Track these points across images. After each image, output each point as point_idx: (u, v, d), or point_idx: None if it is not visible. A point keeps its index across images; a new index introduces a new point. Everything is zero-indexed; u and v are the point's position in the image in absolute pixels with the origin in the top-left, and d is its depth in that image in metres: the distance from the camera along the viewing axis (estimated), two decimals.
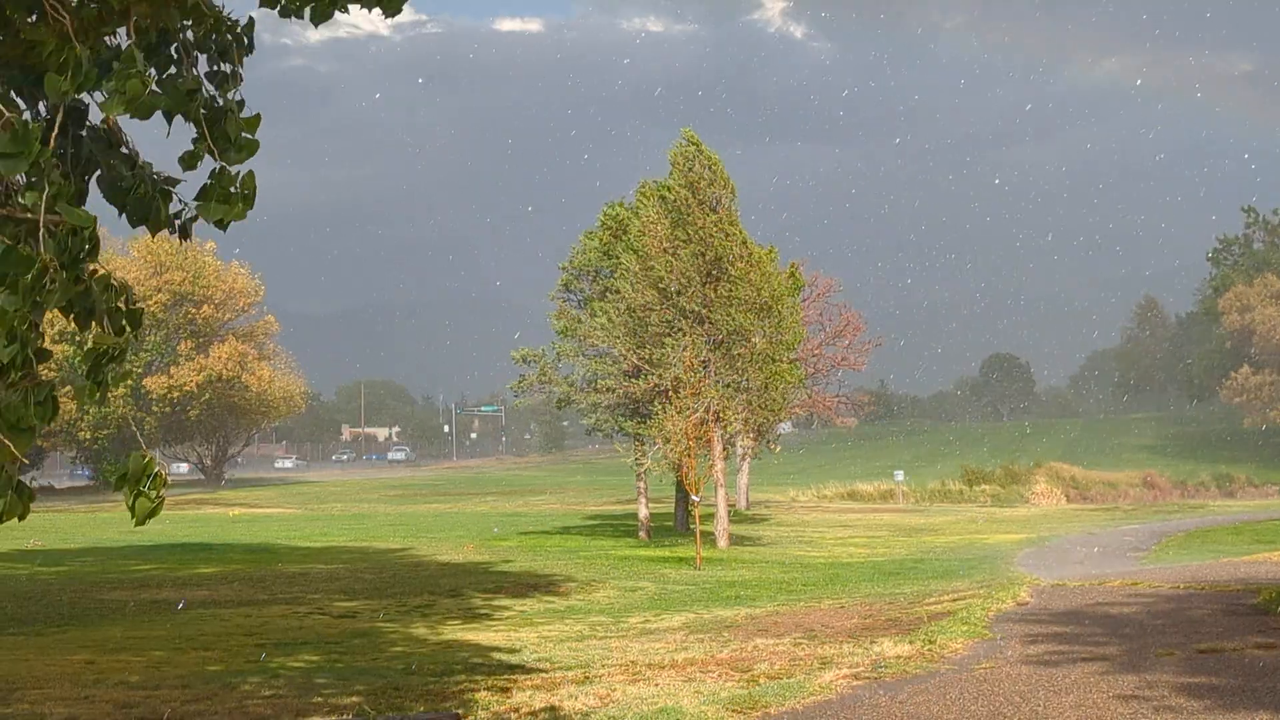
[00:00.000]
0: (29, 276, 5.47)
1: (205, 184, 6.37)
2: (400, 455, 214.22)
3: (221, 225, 6.39)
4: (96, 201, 6.83)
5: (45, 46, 5.92)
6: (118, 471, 6.08)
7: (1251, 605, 20.46)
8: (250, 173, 6.38)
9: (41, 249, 5.62)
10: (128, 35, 6.26)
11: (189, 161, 6.38)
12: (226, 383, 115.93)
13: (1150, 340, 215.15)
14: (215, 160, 6.33)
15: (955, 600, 24.39)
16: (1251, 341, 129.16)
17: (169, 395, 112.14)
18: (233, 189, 6.34)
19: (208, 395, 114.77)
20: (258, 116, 6.49)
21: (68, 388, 72.20)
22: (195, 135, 6.34)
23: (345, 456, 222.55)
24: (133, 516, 6.07)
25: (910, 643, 18.17)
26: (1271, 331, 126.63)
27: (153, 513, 6.08)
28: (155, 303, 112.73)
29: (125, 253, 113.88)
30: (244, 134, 6.44)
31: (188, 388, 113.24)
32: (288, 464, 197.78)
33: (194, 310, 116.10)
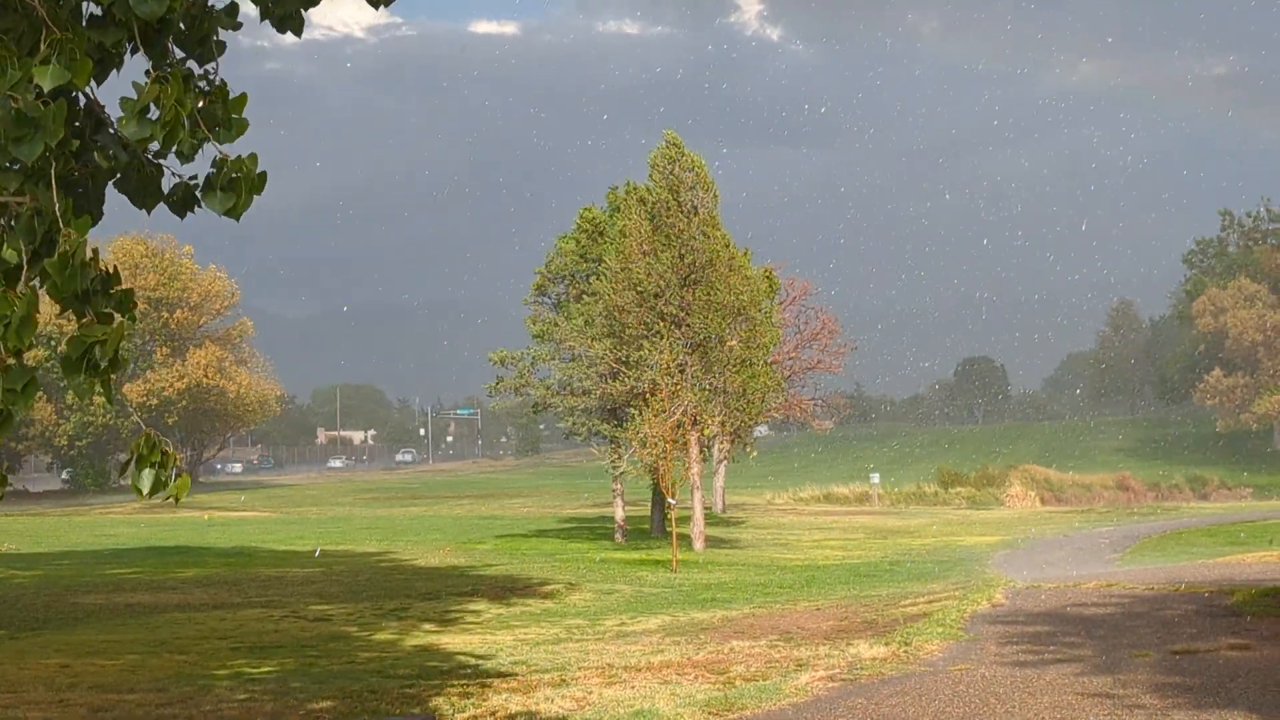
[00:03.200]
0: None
1: (208, 174, 6.31)
2: (408, 458, 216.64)
3: (233, 215, 6.34)
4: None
5: (16, 30, 5.85)
6: (129, 454, 6.03)
7: (1226, 606, 20.54)
8: (253, 155, 6.33)
9: (61, 215, 5.60)
10: (130, 38, 6.19)
11: (188, 152, 6.28)
12: (204, 389, 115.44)
13: (1124, 343, 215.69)
14: (215, 146, 6.27)
15: (931, 602, 24.44)
16: (1224, 345, 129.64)
17: (147, 401, 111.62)
18: (235, 174, 6.28)
19: (184, 401, 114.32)
20: (244, 96, 6.42)
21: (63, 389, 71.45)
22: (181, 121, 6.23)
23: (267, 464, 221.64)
24: (143, 494, 6.04)
25: (886, 644, 18.21)
26: (1244, 334, 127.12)
27: (177, 489, 6.04)
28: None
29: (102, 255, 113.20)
30: (232, 115, 6.38)
31: (167, 393, 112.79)
32: (338, 464, 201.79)
33: (168, 314, 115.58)
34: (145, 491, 5.99)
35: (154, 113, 5.96)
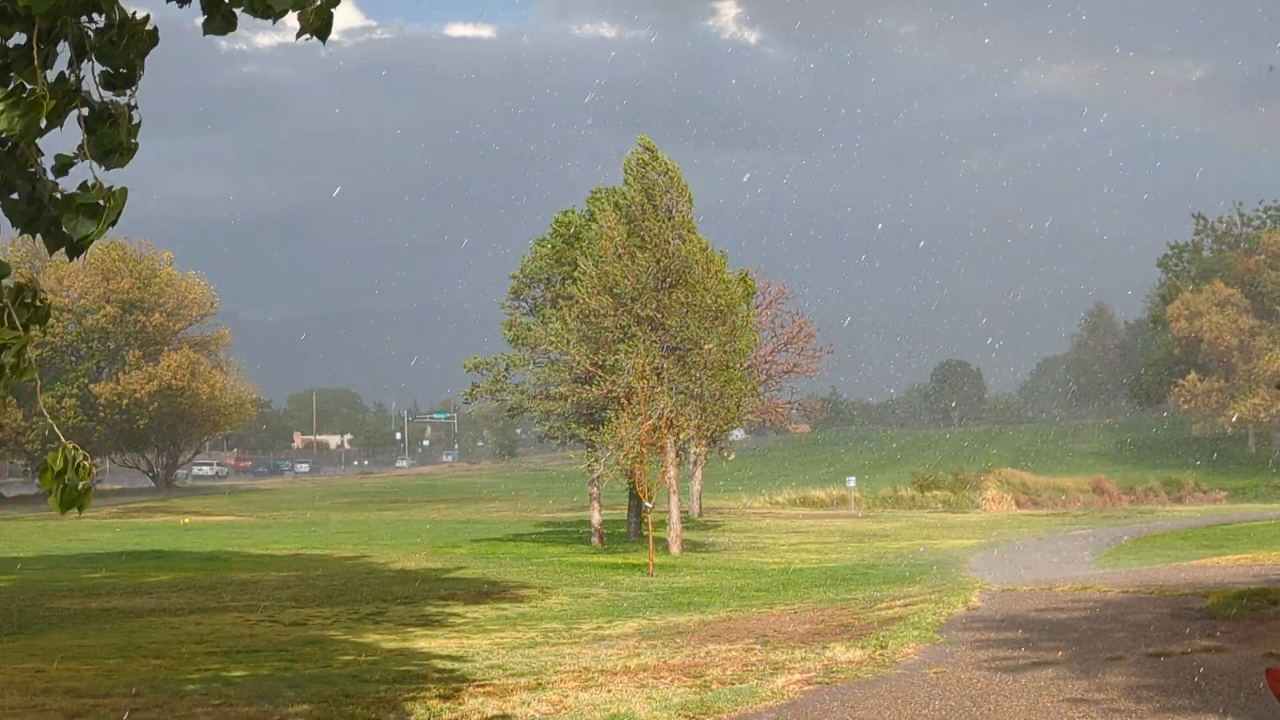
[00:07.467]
0: None
1: (71, 194, 5.92)
2: (450, 458, 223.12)
3: (84, 242, 5.92)
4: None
5: None
6: (45, 469, 5.90)
7: (1200, 609, 20.62)
8: (123, 189, 5.92)
9: None
10: (32, 41, 5.81)
11: (60, 169, 5.96)
12: (177, 391, 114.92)
13: (1100, 347, 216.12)
14: (95, 166, 5.93)
15: (907, 606, 24.48)
16: (1199, 349, 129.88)
17: (118, 402, 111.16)
18: (101, 201, 5.86)
19: (156, 404, 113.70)
20: (139, 123, 6.09)
21: None
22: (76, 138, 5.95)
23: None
24: (59, 508, 5.96)
25: (862, 648, 18.24)
26: (1218, 339, 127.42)
27: (79, 502, 5.92)
28: (104, 314, 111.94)
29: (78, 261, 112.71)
30: (126, 141, 6.03)
31: (138, 395, 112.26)
32: (403, 464, 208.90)
33: (144, 318, 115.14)
34: (60, 509, 5.89)
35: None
